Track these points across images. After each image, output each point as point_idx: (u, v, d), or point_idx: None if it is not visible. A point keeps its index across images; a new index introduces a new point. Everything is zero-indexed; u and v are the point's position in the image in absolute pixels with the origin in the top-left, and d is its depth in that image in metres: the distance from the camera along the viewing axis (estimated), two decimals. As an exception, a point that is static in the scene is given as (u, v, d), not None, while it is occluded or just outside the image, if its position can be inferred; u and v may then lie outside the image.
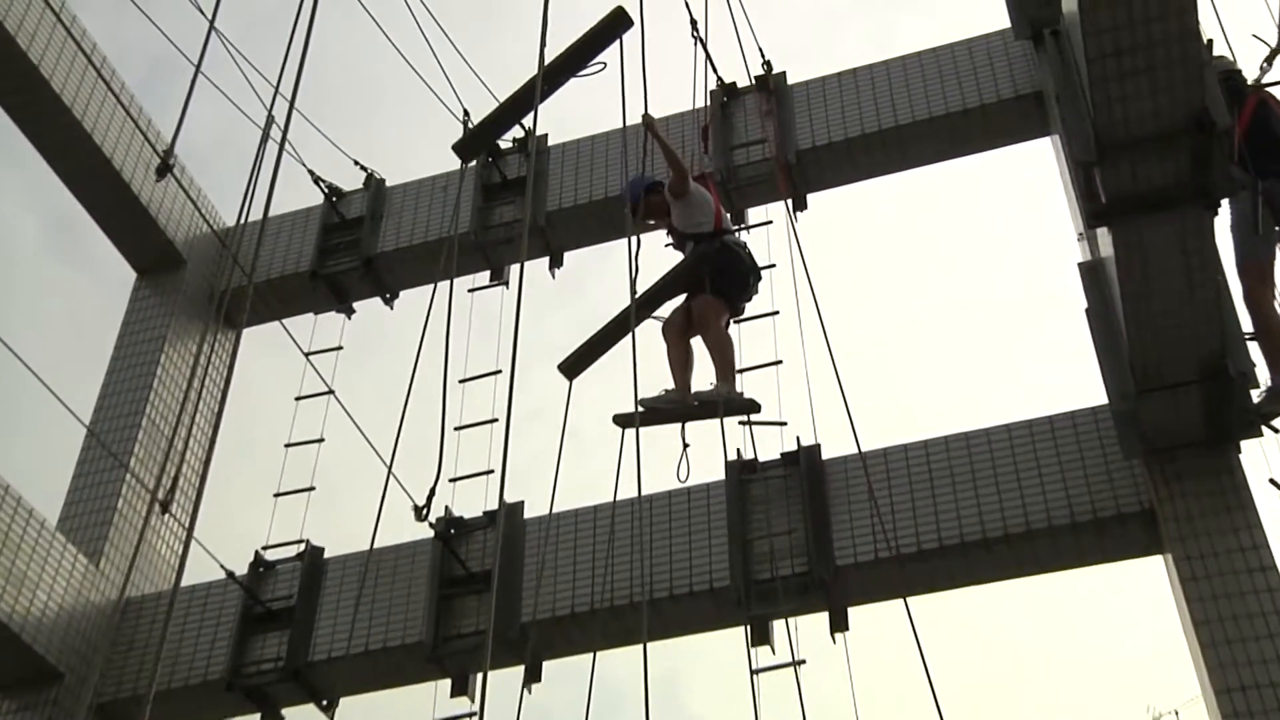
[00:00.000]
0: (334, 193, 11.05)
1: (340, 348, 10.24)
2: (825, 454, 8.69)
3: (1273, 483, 7.47)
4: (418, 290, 10.86)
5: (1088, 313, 7.90)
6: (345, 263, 10.74)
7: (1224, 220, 7.39)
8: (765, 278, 8.74)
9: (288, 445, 9.79)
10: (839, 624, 8.25)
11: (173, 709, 8.99)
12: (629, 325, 7.37)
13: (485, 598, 8.68)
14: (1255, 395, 7.43)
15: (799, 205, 10.11)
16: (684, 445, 7.94)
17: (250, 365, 12.99)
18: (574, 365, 7.70)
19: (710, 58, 9.94)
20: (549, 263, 10.42)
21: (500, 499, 5.40)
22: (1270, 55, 7.81)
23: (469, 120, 10.05)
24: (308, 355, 9.48)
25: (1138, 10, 5.96)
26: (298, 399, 9.88)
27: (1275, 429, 7.57)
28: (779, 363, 8.56)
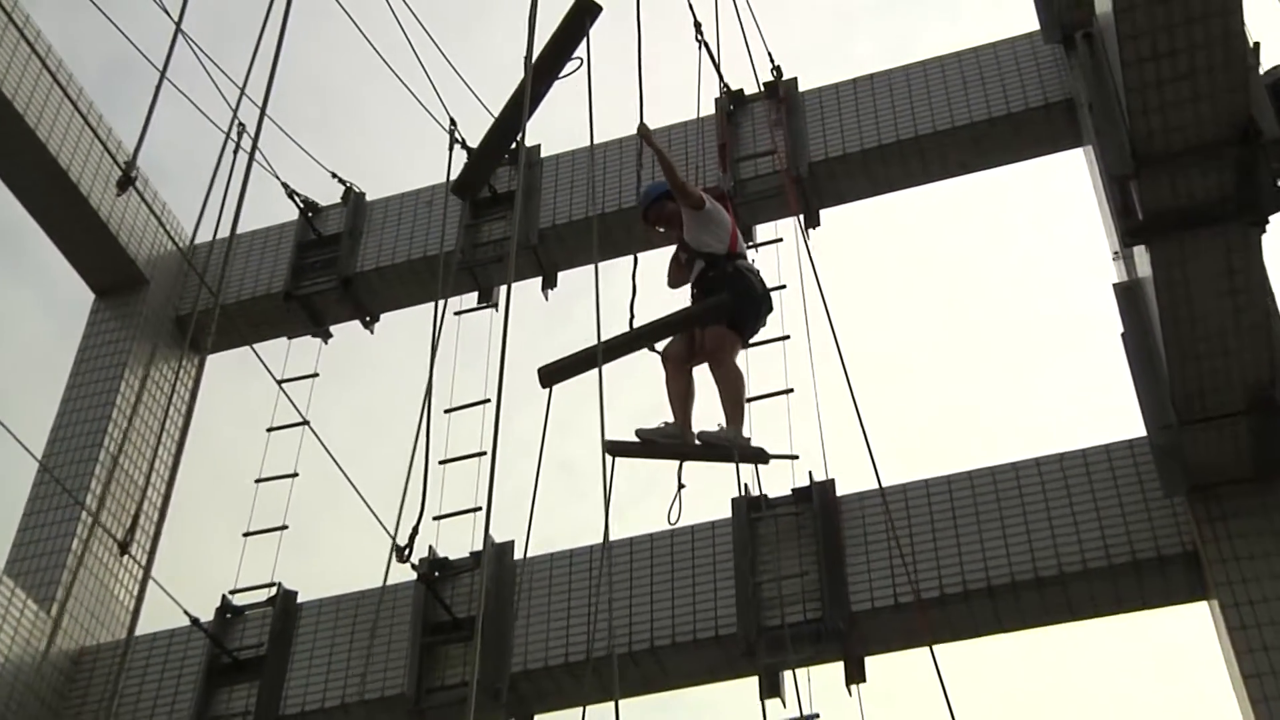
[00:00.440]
0: (309, 207, 11.01)
1: (316, 375, 10.24)
2: (840, 490, 8.65)
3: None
4: (400, 313, 10.85)
5: (1124, 337, 7.86)
6: (321, 283, 10.70)
7: (1272, 238, 7.36)
8: (775, 299, 8.69)
9: (258, 480, 9.76)
10: (855, 675, 8.18)
11: (131, 768, 8.92)
12: (620, 353, 7.33)
13: (472, 645, 8.62)
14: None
15: (811, 222, 10.08)
16: (679, 486, 7.84)
17: (218, 394, 12.93)
18: (555, 373, 7.57)
19: (716, 62, 9.94)
20: (541, 283, 10.39)
21: (486, 538, 5.34)
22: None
23: (456, 130, 10.02)
24: (280, 383, 9.41)
25: (1177, 11, 5.93)
26: (269, 430, 9.85)
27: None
28: (789, 391, 8.52)
